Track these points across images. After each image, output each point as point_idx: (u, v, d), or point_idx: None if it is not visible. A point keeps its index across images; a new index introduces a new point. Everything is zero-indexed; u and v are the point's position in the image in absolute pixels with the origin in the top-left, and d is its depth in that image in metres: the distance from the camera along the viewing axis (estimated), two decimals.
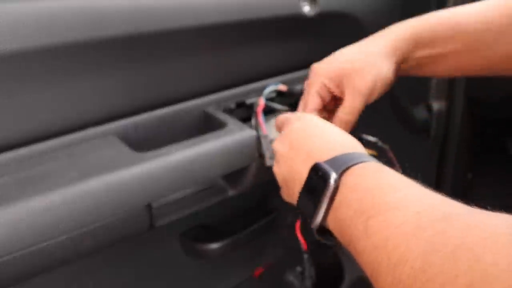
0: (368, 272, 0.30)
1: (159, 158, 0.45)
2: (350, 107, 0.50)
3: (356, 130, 0.60)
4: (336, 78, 0.51)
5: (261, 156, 0.52)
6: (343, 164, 0.36)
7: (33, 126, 0.45)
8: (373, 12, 0.71)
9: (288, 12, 0.60)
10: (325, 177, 0.36)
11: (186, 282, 0.68)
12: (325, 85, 0.51)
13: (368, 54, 0.50)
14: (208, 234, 0.62)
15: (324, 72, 0.51)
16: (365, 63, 0.50)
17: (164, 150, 0.46)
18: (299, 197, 0.40)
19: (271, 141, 0.52)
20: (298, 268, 0.80)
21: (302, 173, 0.40)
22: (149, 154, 0.45)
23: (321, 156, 0.39)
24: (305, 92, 0.53)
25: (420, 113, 0.89)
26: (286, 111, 0.63)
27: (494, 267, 0.21)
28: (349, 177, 0.35)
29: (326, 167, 0.36)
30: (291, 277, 0.82)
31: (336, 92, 0.52)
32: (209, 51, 0.56)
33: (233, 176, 0.53)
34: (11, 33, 0.39)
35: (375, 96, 0.51)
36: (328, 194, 0.35)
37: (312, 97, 0.52)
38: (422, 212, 0.28)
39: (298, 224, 0.53)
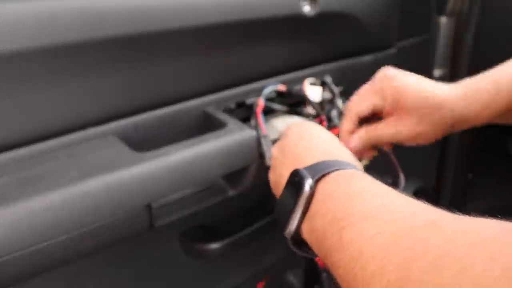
0: (344, 286, 0.28)
1: (159, 158, 0.45)
2: None
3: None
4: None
5: (261, 156, 0.52)
6: (321, 171, 0.35)
7: (33, 126, 0.44)
8: (373, 12, 0.71)
9: (288, 12, 0.60)
10: (300, 183, 0.34)
11: (186, 282, 0.68)
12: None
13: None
14: (208, 234, 0.62)
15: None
16: None
17: (164, 150, 0.46)
18: (277, 203, 0.39)
19: (271, 141, 0.52)
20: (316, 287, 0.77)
21: (284, 178, 0.39)
22: (149, 154, 0.45)
23: (304, 162, 0.38)
24: None
25: None
26: (286, 111, 0.63)
27: (486, 275, 0.19)
28: (326, 185, 0.34)
29: (303, 172, 0.35)
30: (291, 277, 0.82)
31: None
32: (209, 51, 0.56)
33: (233, 176, 0.53)
34: (11, 33, 0.39)
35: None
36: (303, 200, 0.34)
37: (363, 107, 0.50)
38: (400, 220, 0.26)
39: None
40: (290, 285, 0.82)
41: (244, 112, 0.60)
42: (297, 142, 0.43)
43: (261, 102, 0.57)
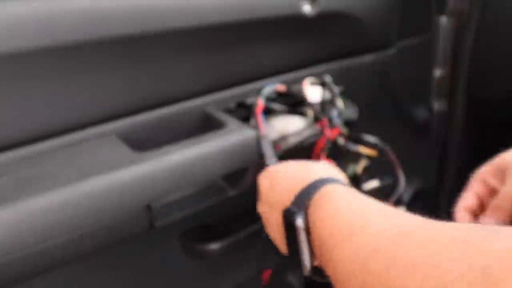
0: None
1: (159, 158, 0.45)
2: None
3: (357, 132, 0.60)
4: (498, 171, 0.45)
5: (261, 156, 0.52)
6: (303, 199, 0.38)
7: (33, 126, 0.44)
8: (373, 12, 0.71)
9: (288, 12, 0.60)
10: (293, 222, 0.37)
11: (186, 282, 0.68)
12: (485, 181, 0.47)
13: None
14: (208, 234, 0.62)
15: (485, 169, 0.47)
16: None
17: (164, 150, 0.46)
18: (287, 248, 0.41)
19: (271, 141, 0.52)
20: None
21: (278, 219, 0.42)
22: (149, 154, 0.45)
23: (288, 200, 0.40)
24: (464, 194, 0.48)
25: (420, 113, 0.89)
26: (286, 111, 0.63)
27: (448, 275, 0.22)
28: (313, 213, 0.36)
29: (293, 209, 0.38)
30: (291, 277, 0.82)
31: (497, 186, 0.46)
32: (209, 51, 0.56)
33: (233, 176, 0.53)
34: (11, 33, 0.39)
35: None
36: (303, 236, 0.37)
37: (467, 196, 0.47)
38: (380, 233, 0.29)
39: None
40: (290, 285, 0.82)
41: (244, 112, 0.60)
42: (273, 186, 0.45)
43: (260, 102, 0.57)
